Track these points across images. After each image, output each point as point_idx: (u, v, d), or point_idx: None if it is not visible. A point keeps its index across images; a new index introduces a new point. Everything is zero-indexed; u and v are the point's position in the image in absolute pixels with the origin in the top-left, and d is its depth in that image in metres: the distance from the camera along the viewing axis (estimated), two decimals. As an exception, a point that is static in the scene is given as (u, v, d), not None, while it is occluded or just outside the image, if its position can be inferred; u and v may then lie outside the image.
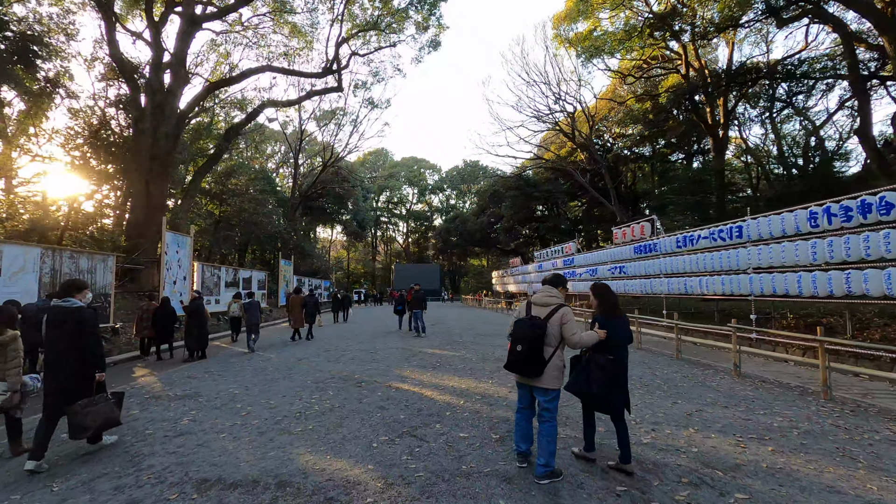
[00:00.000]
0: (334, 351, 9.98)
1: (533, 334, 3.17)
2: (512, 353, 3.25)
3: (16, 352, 3.83)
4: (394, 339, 12.32)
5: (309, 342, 11.90)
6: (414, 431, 4.26)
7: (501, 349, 9.92)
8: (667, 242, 15.17)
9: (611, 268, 19.31)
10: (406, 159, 68.20)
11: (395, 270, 53.96)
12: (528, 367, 3.19)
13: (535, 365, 3.17)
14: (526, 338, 3.18)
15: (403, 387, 6.16)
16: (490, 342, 11.31)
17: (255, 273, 22.15)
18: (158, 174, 16.48)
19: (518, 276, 34.49)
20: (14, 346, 3.82)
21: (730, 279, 12.12)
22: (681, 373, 7.54)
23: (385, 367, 7.71)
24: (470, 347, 10.27)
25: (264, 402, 5.45)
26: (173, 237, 14.33)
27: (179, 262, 14.62)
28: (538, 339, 3.17)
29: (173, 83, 16.56)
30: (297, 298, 12.66)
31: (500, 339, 12.05)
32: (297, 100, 21.51)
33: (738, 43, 25.81)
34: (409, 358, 8.79)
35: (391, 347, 10.38)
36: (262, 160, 43.97)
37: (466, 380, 6.61)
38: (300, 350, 10.29)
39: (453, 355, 9.07)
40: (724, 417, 4.82)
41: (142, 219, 16.16)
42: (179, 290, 14.56)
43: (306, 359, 8.91)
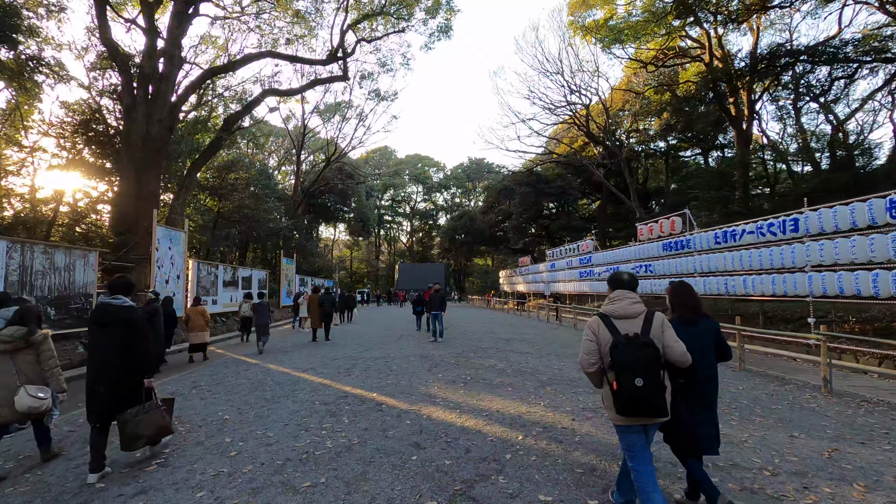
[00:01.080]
0: (343, 359, 8.76)
1: (652, 360, 2.35)
2: (628, 391, 2.32)
3: (50, 351, 3.61)
4: (408, 344, 11.11)
5: (317, 346, 10.69)
6: (471, 489, 3.02)
7: (534, 358, 8.70)
8: (703, 238, 13.91)
9: (635, 266, 18.04)
10: (410, 157, 67.00)
11: (399, 270, 52.81)
12: (658, 403, 2.33)
13: (663, 398, 2.35)
14: (644, 366, 2.32)
15: (436, 412, 4.93)
16: (517, 349, 10.07)
17: (256, 272, 20.96)
18: (151, 164, 15.28)
19: (528, 275, 33.22)
20: (46, 345, 3.59)
21: (782, 278, 10.85)
22: (760, 389, 6.29)
23: (407, 383, 6.48)
24: (497, 356, 9.04)
25: (261, 435, 4.22)
26: (165, 232, 13.14)
27: (172, 259, 13.43)
28: (658, 364, 2.36)
29: (167, 68, 15.36)
30: (315, 298, 12.15)
31: (527, 345, 10.82)
32: (301, 88, 20.31)
33: (763, 30, 24.52)
34: (431, 369, 7.56)
35: (407, 355, 9.16)
36: (264, 157, 42.82)
37: (512, 402, 5.38)
38: (304, 358, 9.08)
39: (482, 366, 7.83)
40: (876, 461, 3.58)
41: (132, 212, 14.95)
42: (173, 289, 13.37)
43: (312, 370, 7.69)
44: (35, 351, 3.55)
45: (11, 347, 3.48)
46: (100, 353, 3.39)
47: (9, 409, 3.40)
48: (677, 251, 15.38)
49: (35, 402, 3.42)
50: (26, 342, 3.52)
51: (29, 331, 3.53)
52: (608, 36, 24.54)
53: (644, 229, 17.74)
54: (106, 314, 3.42)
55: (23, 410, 3.40)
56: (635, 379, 2.27)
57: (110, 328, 3.38)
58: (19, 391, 3.40)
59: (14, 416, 3.45)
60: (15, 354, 3.49)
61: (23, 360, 3.52)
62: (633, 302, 2.54)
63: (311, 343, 11.71)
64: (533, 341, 11.53)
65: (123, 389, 3.39)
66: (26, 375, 3.50)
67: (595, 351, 2.47)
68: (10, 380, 3.44)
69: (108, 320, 3.40)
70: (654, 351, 2.34)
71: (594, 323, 2.54)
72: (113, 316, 3.40)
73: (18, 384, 3.43)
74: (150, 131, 15.25)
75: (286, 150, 44.12)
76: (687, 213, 15.19)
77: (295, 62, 20.16)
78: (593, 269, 22.57)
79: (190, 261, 14.79)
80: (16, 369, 3.47)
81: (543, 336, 12.98)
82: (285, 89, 20.21)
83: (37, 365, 3.55)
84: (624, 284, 2.65)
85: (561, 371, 7.33)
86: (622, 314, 2.50)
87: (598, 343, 2.47)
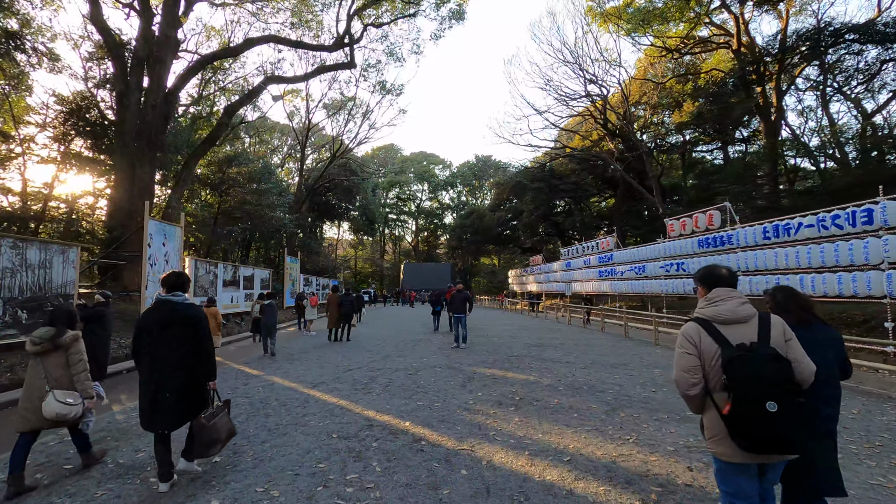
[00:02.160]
0: (359, 370, 7.56)
1: (785, 378, 1.77)
2: (753, 419, 1.74)
3: (79, 354, 3.41)
4: (427, 350, 9.90)
5: (327, 353, 9.50)
6: None
7: (581, 370, 7.47)
8: (748, 233, 12.65)
9: (664, 265, 16.77)
10: (415, 154, 65.82)
11: (405, 269, 51.72)
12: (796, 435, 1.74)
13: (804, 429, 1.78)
14: (777, 386, 1.74)
15: (497, 454, 3.70)
16: (553, 357, 8.85)
17: (258, 271, 19.80)
18: (145, 154, 14.16)
19: (540, 274, 31.98)
20: (75, 348, 3.39)
21: (851, 277, 9.58)
22: (874, 413, 5.05)
23: (443, 404, 5.27)
24: (536, 366, 7.82)
25: (261, 494, 3.02)
26: (159, 227, 11.98)
27: (167, 256, 12.27)
28: (792, 383, 1.79)
29: (162, 50, 14.22)
30: (335, 298, 11.83)
31: (562, 352, 9.59)
32: (306, 75, 19.12)
33: (794, 14, 23.17)
34: (465, 384, 6.35)
35: (433, 365, 7.95)
36: (267, 154, 41.73)
37: (588, 435, 4.15)
38: (313, 367, 7.88)
39: (526, 380, 6.61)
40: None
41: (125, 206, 13.83)
42: (167, 289, 12.22)
43: (323, 384, 6.49)
44: (64, 353, 3.34)
45: (41, 349, 3.27)
46: (162, 357, 3.10)
47: (37, 414, 3.20)
48: (715, 248, 14.12)
49: (63, 408, 3.19)
50: (54, 344, 3.29)
51: (57, 332, 3.33)
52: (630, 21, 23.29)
53: (676, 225, 16.47)
54: (170, 313, 3.15)
55: (50, 417, 3.18)
56: (766, 403, 1.72)
57: (175, 329, 3.14)
58: (47, 396, 3.19)
59: (41, 423, 3.23)
60: (45, 357, 3.29)
61: (52, 362, 3.31)
62: (741, 303, 2.00)
63: (321, 346, 10.54)
64: (567, 347, 10.29)
65: (193, 394, 3.20)
66: (55, 379, 3.28)
67: (698, 367, 1.93)
68: (40, 384, 3.24)
69: (173, 320, 3.14)
70: (787, 366, 1.81)
71: (693, 331, 2.00)
72: (178, 315, 3.16)
73: (47, 388, 3.22)
74: (145, 119, 14.13)
75: (290, 147, 43.03)
76: (727, 205, 13.92)
77: (299, 48, 18.98)
78: (615, 267, 21.32)
79: (186, 258, 13.64)
80: (45, 373, 3.26)
81: (576, 341, 11.74)
82: (289, 76, 19.03)
83: (66, 368, 3.34)
84: (724, 281, 2.09)
85: (623, 388, 6.10)
86: (730, 318, 1.95)
87: (701, 357, 1.94)
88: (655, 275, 17.42)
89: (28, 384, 3.27)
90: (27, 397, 3.24)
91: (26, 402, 3.23)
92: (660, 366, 7.96)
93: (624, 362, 8.25)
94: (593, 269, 23.73)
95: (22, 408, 3.25)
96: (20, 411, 3.26)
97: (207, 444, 3.15)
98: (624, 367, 7.72)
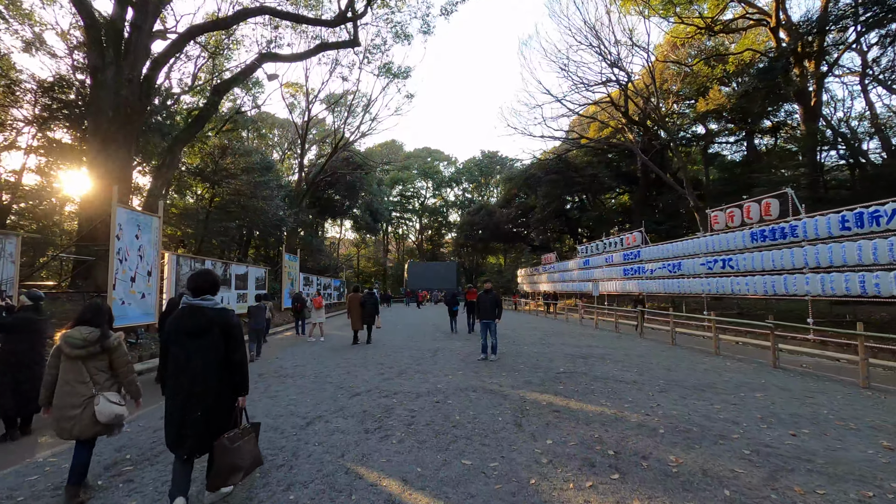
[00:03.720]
0: (367, 395, 5.78)
1: None
2: None
3: (126, 356, 3.24)
4: (451, 362, 8.11)
5: (330, 366, 7.72)
6: None
7: (662, 397, 5.65)
8: (819, 224, 10.82)
9: (707, 261, 14.94)
10: (419, 150, 63.99)
11: (409, 269, 49.95)
12: None
13: None
14: None
15: None
16: (611, 374, 7.04)
17: (253, 269, 18.05)
18: (120, 135, 12.43)
19: (554, 273, 30.14)
20: (122, 350, 3.21)
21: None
22: None
23: (503, 468, 3.46)
24: (597, 390, 6.02)
25: None
26: (130, 216, 10.22)
27: (141, 250, 10.51)
28: None
29: (138, 15, 12.47)
30: (356, 297, 11.31)
31: (620, 367, 7.77)
32: (305, 54, 17.28)
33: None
34: (520, 421, 4.55)
35: (465, 387, 6.15)
36: (264, 147, 40.03)
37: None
38: (308, 389, 6.10)
39: (602, 417, 4.80)
40: None
41: (100, 194, 12.09)
42: (141, 288, 10.47)
43: (322, 420, 4.71)
44: (109, 356, 3.15)
45: (85, 353, 3.02)
46: (192, 369, 2.68)
47: (89, 421, 2.97)
48: (774, 241, 12.30)
49: (119, 408, 3.06)
50: (102, 347, 3.09)
51: (103, 334, 3.11)
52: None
53: (721, 216, 14.61)
54: (200, 320, 2.74)
55: (108, 420, 3.00)
56: None
57: (206, 337, 2.72)
58: (98, 400, 3.00)
59: (94, 430, 3.01)
60: (87, 360, 3.05)
61: (96, 365, 3.10)
62: None
63: (321, 356, 8.76)
64: (618, 360, 8.48)
65: (222, 411, 2.78)
66: (98, 384, 3.09)
67: None
68: (82, 389, 3.02)
69: (203, 327, 2.72)
70: None
71: None
72: (210, 322, 2.74)
73: (94, 392, 3.04)
74: (120, 94, 12.38)
75: (290, 143, 41.33)
76: (789, 192, 12.07)
77: (298, 21, 17.21)
78: (643, 265, 19.49)
79: (166, 254, 11.87)
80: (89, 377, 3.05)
81: (623, 351, 9.91)
82: (286, 54, 17.24)
83: (107, 371, 3.16)
84: None
85: (746, 430, 4.28)
86: None
87: None
88: (695, 273, 15.58)
89: (66, 391, 3.00)
90: (66, 404, 2.98)
91: (67, 409, 2.97)
92: (749, 386, 6.17)
93: (707, 383, 6.44)
94: (617, 266, 21.90)
95: (59, 416, 2.98)
96: (58, 420, 2.98)
97: (228, 470, 2.71)
98: (713, 391, 5.91)
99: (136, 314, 10.20)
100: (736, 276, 13.66)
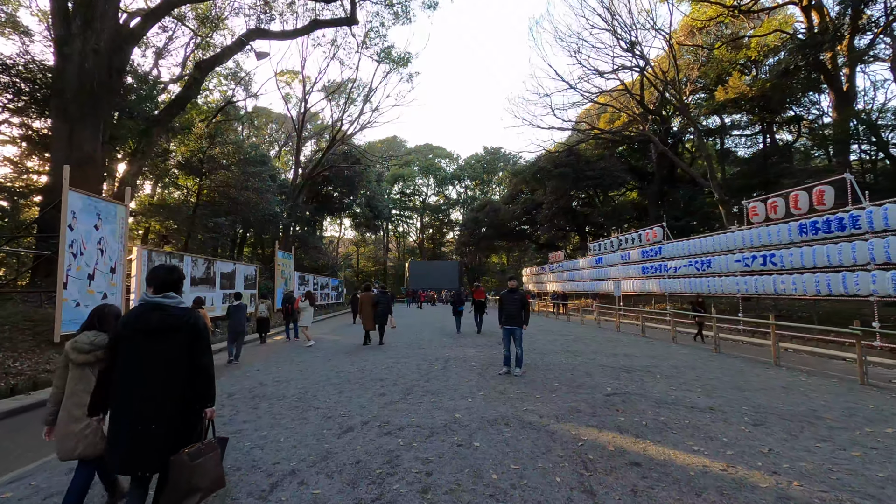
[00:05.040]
0: (364, 433, 4.29)
1: None
2: None
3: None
4: (467, 378, 6.61)
5: (328, 379, 6.24)
6: None
7: (765, 434, 4.14)
8: (888, 213, 9.33)
9: (743, 258, 13.44)
10: (420, 146, 62.50)
11: (410, 268, 48.54)
12: None
13: None
14: None
15: None
16: (676, 398, 5.55)
17: (242, 266, 16.57)
18: (86, 113, 10.96)
19: (563, 272, 28.65)
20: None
21: None
22: None
23: None
24: (672, 423, 4.53)
25: None
26: (87, 202, 8.73)
27: (101, 243, 9.03)
28: None
29: (107, -25, 10.99)
30: (368, 296, 10.88)
31: (676, 384, 6.27)
32: (297, 31, 15.71)
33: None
34: (587, 484, 3.06)
35: (493, 419, 4.65)
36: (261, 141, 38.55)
37: None
38: (289, 425, 4.60)
39: (703, 471, 3.31)
40: None
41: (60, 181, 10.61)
42: (103, 288, 9.00)
43: (301, 475, 3.23)
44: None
45: (93, 358, 2.67)
46: (148, 376, 2.26)
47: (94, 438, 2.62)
48: (828, 233, 10.84)
49: None
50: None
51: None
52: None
53: (760, 207, 13.09)
54: (160, 319, 2.31)
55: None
56: None
57: (168, 340, 2.30)
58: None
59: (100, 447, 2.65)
60: (96, 367, 2.71)
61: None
62: None
63: (309, 370, 7.26)
64: (675, 375, 6.98)
65: (186, 423, 2.32)
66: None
67: None
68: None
69: (164, 328, 2.30)
70: None
71: None
72: (172, 322, 2.32)
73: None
74: (86, 68, 10.92)
75: (287, 136, 39.82)
76: (848, 178, 10.56)
77: (289, -6, 15.76)
78: (665, 263, 18.00)
79: (134, 248, 10.39)
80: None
81: (671, 362, 8.39)
82: (277, 31, 15.72)
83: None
84: None
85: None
86: None
87: None
88: (728, 270, 14.08)
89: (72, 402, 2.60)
90: (71, 418, 2.56)
91: (72, 423, 2.56)
92: (863, 414, 4.68)
93: (806, 410, 4.95)
94: (634, 264, 20.41)
95: (63, 434, 2.55)
96: (61, 439, 2.56)
97: (185, 491, 2.20)
98: (825, 425, 4.42)
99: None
100: (780, 273, 12.17)
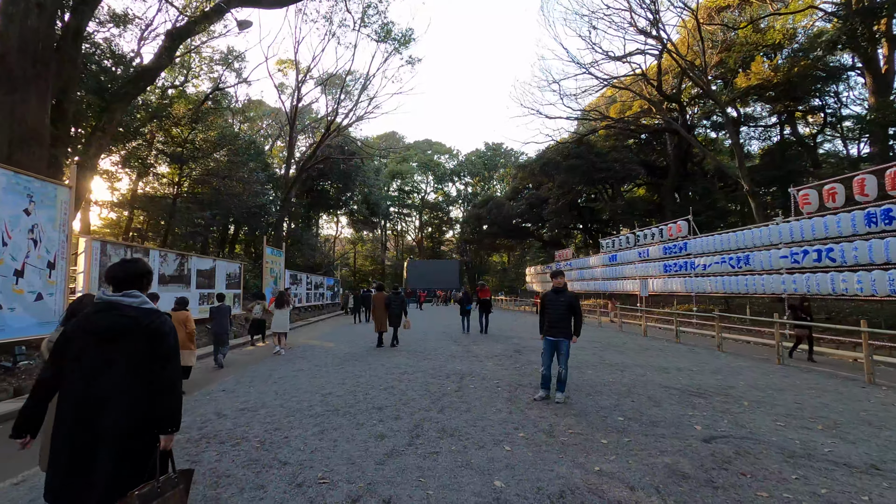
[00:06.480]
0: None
1: None
2: None
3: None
4: (492, 404, 4.94)
5: (312, 408, 4.57)
6: None
7: None
8: None
9: (791, 253, 11.82)
10: (419, 142, 60.80)
11: (408, 267, 46.96)
12: None
13: None
14: None
15: None
16: (797, 442, 3.92)
17: (223, 263, 14.84)
18: (30, 81, 9.24)
19: (572, 270, 27.00)
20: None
21: None
22: None
23: None
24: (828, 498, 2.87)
25: None
26: (11, 179, 6.99)
27: (33, 232, 7.31)
28: None
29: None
30: (380, 297, 10.51)
31: (773, 413, 4.62)
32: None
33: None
34: None
35: (553, 493, 2.99)
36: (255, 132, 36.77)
37: None
38: (248, 492, 2.95)
39: None
40: None
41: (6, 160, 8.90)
42: (36, 287, 7.29)
43: None
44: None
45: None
46: (97, 388, 1.78)
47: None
48: (905, 224, 9.19)
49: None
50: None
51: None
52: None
53: (813, 195, 11.47)
54: (112, 321, 1.86)
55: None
56: None
57: (122, 345, 1.84)
58: None
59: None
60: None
61: None
62: None
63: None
64: (767, 401, 5.32)
65: (135, 452, 1.81)
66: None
67: None
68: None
69: (119, 331, 1.85)
70: None
71: None
72: (126, 324, 1.86)
73: None
74: (26, 22, 9.22)
75: (280, 126, 38.03)
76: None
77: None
78: (692, 260, 16.39)
79: (82, 239, 8.67)
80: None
81: (741, 379, 6.73)
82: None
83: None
84: None
85: None
86: None
87: None
88: (772, 268, 12.46)
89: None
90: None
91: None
92: None
93: None
94: (655, 262, 18.80)
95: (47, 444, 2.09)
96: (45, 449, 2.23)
97: None
98: None
99: (25, 324, 6.99)
100: (838, 270, 10.55)
